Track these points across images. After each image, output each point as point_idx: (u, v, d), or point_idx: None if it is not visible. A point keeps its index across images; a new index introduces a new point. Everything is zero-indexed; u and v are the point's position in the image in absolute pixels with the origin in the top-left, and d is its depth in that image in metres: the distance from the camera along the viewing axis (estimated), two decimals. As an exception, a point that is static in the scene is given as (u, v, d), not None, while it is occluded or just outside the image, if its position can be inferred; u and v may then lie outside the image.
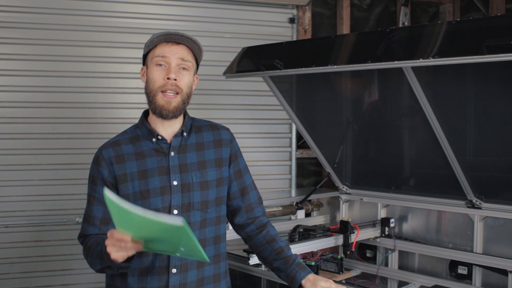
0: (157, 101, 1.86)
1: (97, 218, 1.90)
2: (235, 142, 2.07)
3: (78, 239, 1.97)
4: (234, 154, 2.04)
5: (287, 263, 1.99)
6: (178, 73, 1.86)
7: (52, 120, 3.61)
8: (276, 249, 2.03)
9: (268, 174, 4.17)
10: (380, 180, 3.31)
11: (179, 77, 1.86)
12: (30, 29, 3.54)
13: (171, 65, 1.86)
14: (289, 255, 2.02)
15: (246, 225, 2.10)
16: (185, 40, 1.88)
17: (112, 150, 1.90)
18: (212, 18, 3.96)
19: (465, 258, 2.87)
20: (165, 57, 1.86)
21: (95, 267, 1.83)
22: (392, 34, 2.43)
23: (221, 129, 2.05)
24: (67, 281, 3.66)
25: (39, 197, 3.58)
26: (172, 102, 1.85)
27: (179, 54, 1.87)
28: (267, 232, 2.08)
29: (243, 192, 2.07)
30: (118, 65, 3.74)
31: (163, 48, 1.87)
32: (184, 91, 1.88)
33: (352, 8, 4.45)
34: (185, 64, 1.88)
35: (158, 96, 1.86)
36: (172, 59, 1.86)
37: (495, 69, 2.44)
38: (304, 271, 1.96)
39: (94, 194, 1.90)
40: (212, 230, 1.95)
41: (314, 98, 3.32)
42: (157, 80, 1.86)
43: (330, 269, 2.97)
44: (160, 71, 1.86)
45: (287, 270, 1.98)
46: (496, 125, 2.65)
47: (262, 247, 2.06)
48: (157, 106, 1.86)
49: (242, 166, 2.08)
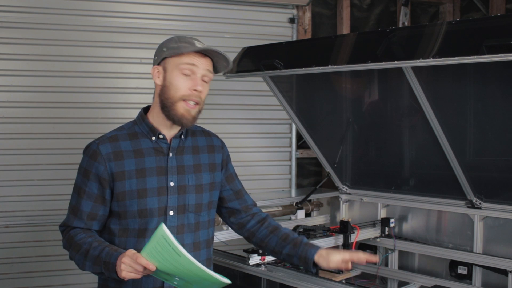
0: (177, 109, 1.84)
1: (85, 212, 1.88)
2: (226, 148, 2.11)
3: (60, 227, 1.95)
4: (225, 160, 2.08)
5: (296, 246, 2.00)
6: (202, 85, 1.86)
7: (52, 120, 3.62)
8: (282, 236, 2.05)
9: (268, 174, 4.17)
10: (380, 180, 3.30)
11: (203, 89, 1.87)
12: (30, 29, 3.55)
13: (197, 76, 1.84)
14: (296, 237, 2.03)
15: (246, 222, 2.12)
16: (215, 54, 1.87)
17: (110, 146, 1.87)
18: (212, 18, 3.96)
19: (465, 258, 2.87)
20: (194, 66, 1.84)
21: (82, 266, 1.82)
22: (392, 34, 2.42)
23: (212, 136, 2.09)
24: (67, 281, 3.66)
25: (39, 197, 3.59)
26: (191, 112, 1.85)
27: (206, 66, 1.87)
28: (269, 223, 2.11)
29: (238, 195, 2.12)
30: (118, 65, 3.74)
31: (193, 57, 1.84)
32: (203, 101, 1.89)
33: (352, 8, 4.45)
34: (208, 76, 1.88)
35: (179, 104, 1.84)
36: (200, 70, 1.85)
37: (495, 69, 2.44)
38: (314, 248, 1.97)
39: (85, 188, 1.88)
40: (204, 233, 1.97)
41: (314, 98, 3.32)
42: (182, 89, 1.83)
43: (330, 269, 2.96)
44: (185, 79, 1.84)
45: (298, 252, 1.99)
46: (496, 125, 2.65)
47: (268, 238, 2.07)
48: (177, 114, 1.84)
49: (232, 171, 2.13)
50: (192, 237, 1.91)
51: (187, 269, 1.58)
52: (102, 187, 1.86)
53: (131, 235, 1.87)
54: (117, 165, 1.86)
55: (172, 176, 1.89)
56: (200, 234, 1.95)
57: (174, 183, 1.89)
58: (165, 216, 1.87)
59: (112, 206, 1.89)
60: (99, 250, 1.77)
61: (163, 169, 1.89)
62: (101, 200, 1.88)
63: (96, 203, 1.88)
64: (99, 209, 1.89)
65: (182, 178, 1.90)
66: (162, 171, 1.88)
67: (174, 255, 1.55)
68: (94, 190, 1.87)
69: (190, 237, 1.91)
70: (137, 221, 1.86)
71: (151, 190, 1.86)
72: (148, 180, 1.86)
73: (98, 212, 1.89)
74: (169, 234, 1.53)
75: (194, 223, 1.92)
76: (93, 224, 1.90)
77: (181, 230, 1.89)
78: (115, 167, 1.85)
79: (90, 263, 1.79)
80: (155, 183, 1.87)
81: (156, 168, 1.88)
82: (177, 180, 1.89)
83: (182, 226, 1.89)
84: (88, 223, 1.89)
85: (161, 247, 1.55)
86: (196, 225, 1.93)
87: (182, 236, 1.89)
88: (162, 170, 1.88)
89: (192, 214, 1.92)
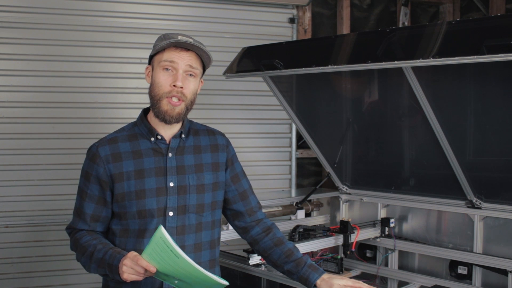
0: (161, 106, 1.83)
1: (88, 214, 1.90)
2: (231, 147, 2.07)
3: (66, 229, 1.98)
4: (230, 159, 2.05)
5: (299, 265, 1.99)
6: (184, 80, 1.84)
7: (52, 120, 3.62)
8: (286, 252, 2.02)
9: (268, 174, 4.17)
10: (380, 180, 3.30)
11: (185, 85, 1.84)
12: (30, 29, 3.55)
13: (178, 72, 1.83)
14: (299, 257, 2.02)
15: (250, 228, 2.10)
16: (195, 48, 1.84)
17: (109, 148, 1.88)
18: (212, 18, 3.96)
19: (465, 258, 2.86)
20: (173, 63, 1.83)
21: (88, 268, 1.85)
22: (392, 34, 2.42)
23: (217, 134, 2.05)
24: (67, 281, 3.66)
25: (39, 197, 3.59)
26: (176, 109, 1.84)
27: (188, 61, 1.84)
28: (274, 234, 2.08)
29: (242, 196, 2.08)
30: (118, 65, 3.75)
31: (172, 53, 1.83)
32: (189, 98, 1.86)
33: (352, 8, 4.45)
34: (192, 71, 1.85)
35: (163, 101, 1.83)
36: (180, 65, 1.83)
37: (495, 69, 2.44)
38: (317, 272, 1.96)
39: (86, 190, 1.89)
40: (208, 234, 1.95)
41: (314, 98, 3.32)
42: (163, 85, 1.83)
43: (330, 269, 2.96)
44: (166, 76, 1.83)
45: (300, 272, 1.98)
46: (496, 125, 2.65)
47: (271, 251, 2.05)
48: (161, 111, 1.84)
49: (238, 170, 2.09)
50: (194, 238, 1.90)
51: (185, 270, 1.59)
52: (102, 189, 1.87)
53: (131, 236, 1.87)
54: (116, 166, 1.86)
55: (172, 177, 1.88)
56: (202, 235, 1.93)
57: (174, 184, 1.88)
58: (165, 217, 1.86)
59: (113, 207, 1.90)
60: (103, 252, 1.78)
61: (162, 169, 1.88)
62: (103, 202, 1.89)
63: (98, 204, 1.89)
64: (102, 210, 1.90)
65: (182, 179, 1.89)
66: (161, 171, 1.88)
67: (172, 256, 1.56)
68: (95, 192, 1.88)
69: (192, 238, 1.90)
70: (137, 221, 1.86)
71: (149, 191, 1.86)
72: (147, 181, 1.86)
73: (101, 214, 1.90)
74: (167, 236, 1.54)
75: (196, 223, 1.91)
76: (97, 226, 1.91)
77: (182, 231, 1.88)
78: (114, 169, 1.86)
79: (95, 265, 1.81)
80: (153, 184, 1.86)
81: (155, 169, 1.87)
82: (177, 180, 1.88)
83: (183, 227, 1.88)
84: (92, 224, 1.90)
85: (160, 249, 1.56)
86: (198, 226, 1.91)
87: (183, 237, 1.88)
88: (161, 171, 1.88)
89: (194, 215, 1.90)
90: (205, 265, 1.92)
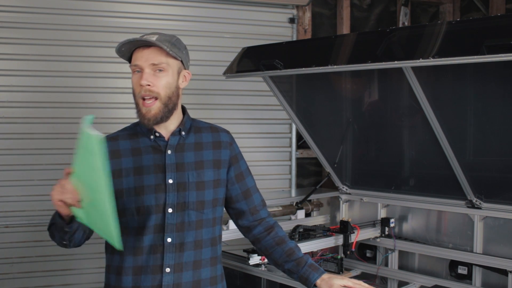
0: (139, 110, 1.85)
1: None
2: (235, 145, 2.06)
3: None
4: (234, 157, 2.03)
5: (299, 265, 2.00)
6: (153, 77, 1.82)
7: (52, 120, 3.62)
8: (287, 251, 2.03)
9: (268, 174, 4.17)
10: (380, 180, 3.30)
11: (154, 81, 1.82)
12: (30, 29, 3.55)
13: (145, 71, 1.82)
14: (300, 256, 2.02)
15: (252, 227, 2.09)
16: (148, 42, 1.82)
17: (109, 144, 1.88)
18: (212, 18, 3.95)
19: (465, 258, 2.87)
20: (138, 64, 1.84)
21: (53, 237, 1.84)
22: (392, 34, 2.43)
23: (221, 131, 2.04)
24: (67, 281, 3.66)
25: (39, 197, 3.58)
26: (151, 110, 1.83)
27: (149, 58, 1.83)
28: (276, 233, 2.07)
29: (246, 194, 2.06)
30: (118, 65, 3.73)
31: (135, 55, 1.85)
32: (163, 93, 1.84)
33: (352, 8, 4.45)
34: (158, 66, 1.84)
35: (139, 104, 1.84)
36: (143, 64, 1.82)
37: (495, 69, 2.45)
38: (317, 272, 1.97)
39: None
40: (208, 232, 1.94)
41: (314, 98, 3.32)
42: (135, 88, 1.85)
43: (330, 269, 2.96)
44: (136, 78, 1.84)
45: (300, 272, 1.99)
46: (496, 125, 2.65)
47: (272, 249, 2.05)
48: (139, 115, 1.85)
49: (243, 168, 2.07)
50: (194, 235, 1.89)
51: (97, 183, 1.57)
52: None
53: (130, 233, 1.87)
54: (115, 163, 1.87)
55: (171, 173, 1.88)
56: (203, 232, 1.92)
57: (173, 180, 1.88)
58: (164, 214, 1.86)
59: None
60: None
61: (161, 166, 1.88)
62: None
63: None
64: None
65: (182, 175, 1.89)
66: (160, 168, 1.88)
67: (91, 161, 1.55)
68: None
69: (192, 235, 1.89)
70: (136, 219, 1.86)
71: (148, 188, 1.86)
72: (146, 177, 1.86)
73: None
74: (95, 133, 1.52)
75: (196, 220, 1.90)
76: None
77: (181, 228, 1.87)
78: (113, 165, 1.85)
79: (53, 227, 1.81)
80: (152, 181, 1.86)
81: (154, 166, 1.88)
82: (176, 177, 1.88)
83: (182, 223, 1.87)
84: None
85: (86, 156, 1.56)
86: (198, 223, 1.91)
87: (183, 234, 1.87)
88: (160, 168, 1.88)
89: (193, 212, 1.89)
90: (206, 263, 1.92)
